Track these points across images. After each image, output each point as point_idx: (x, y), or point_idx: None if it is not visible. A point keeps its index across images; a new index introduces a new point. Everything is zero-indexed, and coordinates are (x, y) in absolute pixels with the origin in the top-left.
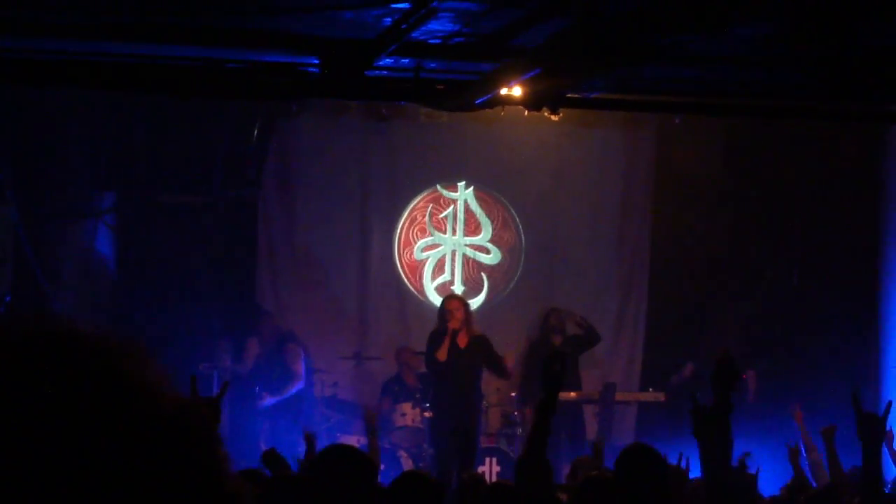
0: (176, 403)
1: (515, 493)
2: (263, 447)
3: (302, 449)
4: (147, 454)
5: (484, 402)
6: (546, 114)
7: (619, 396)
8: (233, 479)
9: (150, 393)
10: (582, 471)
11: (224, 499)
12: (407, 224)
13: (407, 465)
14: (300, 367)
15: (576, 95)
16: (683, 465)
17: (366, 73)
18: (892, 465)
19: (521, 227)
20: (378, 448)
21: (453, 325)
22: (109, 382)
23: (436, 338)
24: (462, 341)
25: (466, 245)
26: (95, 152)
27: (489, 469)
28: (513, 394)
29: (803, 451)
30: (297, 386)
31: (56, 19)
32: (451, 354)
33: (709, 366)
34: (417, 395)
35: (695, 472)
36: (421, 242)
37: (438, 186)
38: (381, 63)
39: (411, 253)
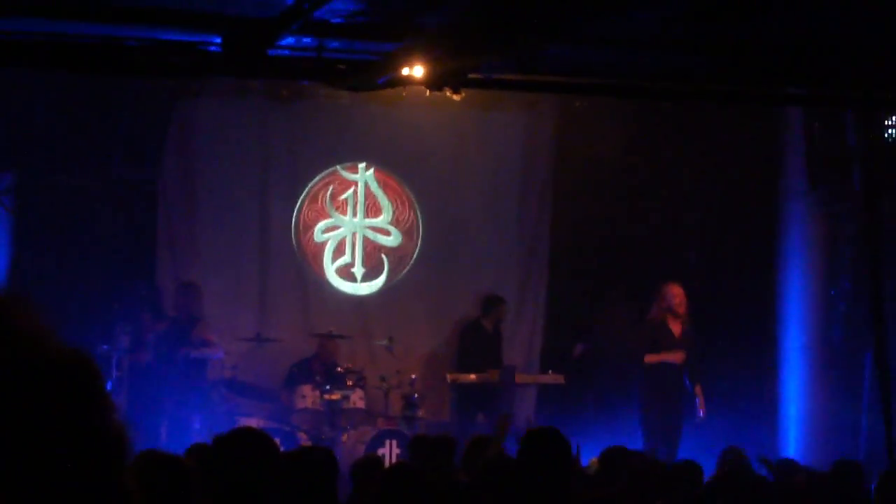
0: (62, 351)
1: (414, 474)
2: (164, 433)
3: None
4: (32, 397)
5: (384, 385)
6: (448, 94)
7: (518, 379)
8: (118, 423)
9: (35, 340)
10: (479, 450)
11: (110, 440)
12: (307, 206)
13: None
14: (214, 338)
15: (478, 76)
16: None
17: (268, 52)
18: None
19: (420, 208)
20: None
21: (681, 310)
22: None
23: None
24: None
25: (367, 227)
26: None
27: (389, 451)
28: (413, 375)
29: None
30: (217, 353)
31: None
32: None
33: (604, 347)
34: (318, 378)
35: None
36: (321, 224)
37: (338, 168)
38: (283, 42)
39: (312, 235)
